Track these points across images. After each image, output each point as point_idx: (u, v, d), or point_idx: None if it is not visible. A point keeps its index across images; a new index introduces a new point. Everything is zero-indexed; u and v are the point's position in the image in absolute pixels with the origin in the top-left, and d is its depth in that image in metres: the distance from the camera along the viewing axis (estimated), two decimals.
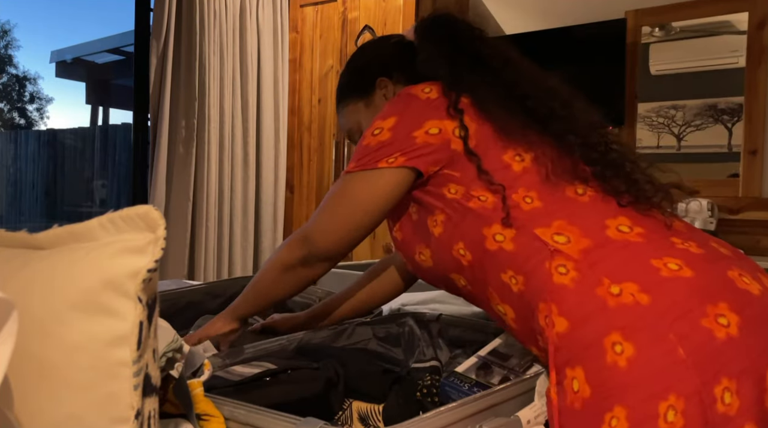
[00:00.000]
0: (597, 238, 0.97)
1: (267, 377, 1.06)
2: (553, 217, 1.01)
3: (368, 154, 1.10)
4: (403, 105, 1.13)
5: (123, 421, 0.67)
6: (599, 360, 0.88)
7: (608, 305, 0.90)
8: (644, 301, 0.90)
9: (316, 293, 1.69)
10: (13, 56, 12.98)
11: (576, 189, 1.04)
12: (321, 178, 3.64)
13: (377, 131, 1.11)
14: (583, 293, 0.93)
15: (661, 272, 0.92)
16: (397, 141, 1.08)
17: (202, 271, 3.42)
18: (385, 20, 3.38)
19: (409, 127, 1.09)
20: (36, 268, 0.72)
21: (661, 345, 0.87)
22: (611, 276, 0.93)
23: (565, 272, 0.95)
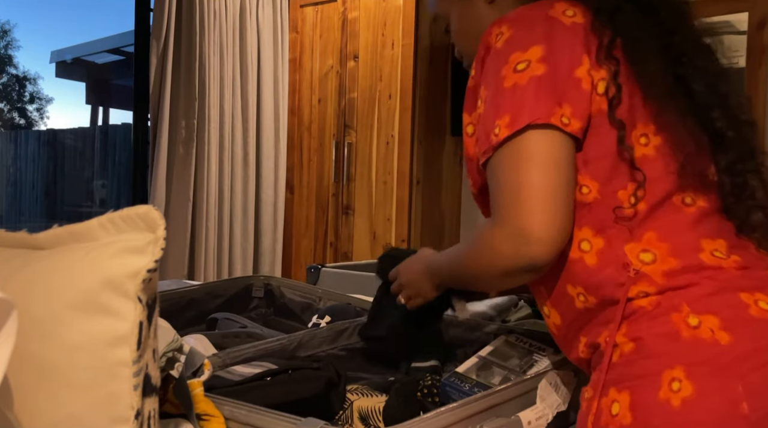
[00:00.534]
0: (687, 260, 0.85)
1: (267, 377, 1.06)
2: (646, 228, 0.86)
3: (526, 97, 0.83)
4: (546, 29, 0.87)
5: (123, 421, 0.67)
6: (651, 392, 0.80)
7: (681, 336, 0.81)
8: (723, 340, 0.79)
9: (316, 293, 1.69)
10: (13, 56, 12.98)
11: (685, 198, 0.88)
12: (321, 178, 3.64)
13: (522, 65, 0.85)
14: (658, 317, 0.83)
15: (749, 310, 0.82)
16: (558, 80, 0.84)
17: (202, 271, 3.42)
18: (385, 20, 3.38)
19: (567, 59, 0.85)
20: (36, 268, 0.72)
21: (725, 394, 0.78)
22: (693, 304, 0.82)
23: (644, 295, 0.85)
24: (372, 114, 3.42)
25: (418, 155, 3.32)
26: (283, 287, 1.75)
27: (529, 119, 0.82)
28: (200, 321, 1.59)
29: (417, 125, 3.31)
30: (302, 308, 1.70)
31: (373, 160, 3.42)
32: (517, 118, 0.83)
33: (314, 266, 2.22)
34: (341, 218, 3.55)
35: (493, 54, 0.89)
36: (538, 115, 0.82)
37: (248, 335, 1.41)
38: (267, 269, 3.73)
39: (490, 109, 0.87)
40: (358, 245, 3.48)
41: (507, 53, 0.87)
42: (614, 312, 0.86)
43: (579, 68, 0.85)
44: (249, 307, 1.75)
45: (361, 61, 3.46)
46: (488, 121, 0.86)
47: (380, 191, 3.40)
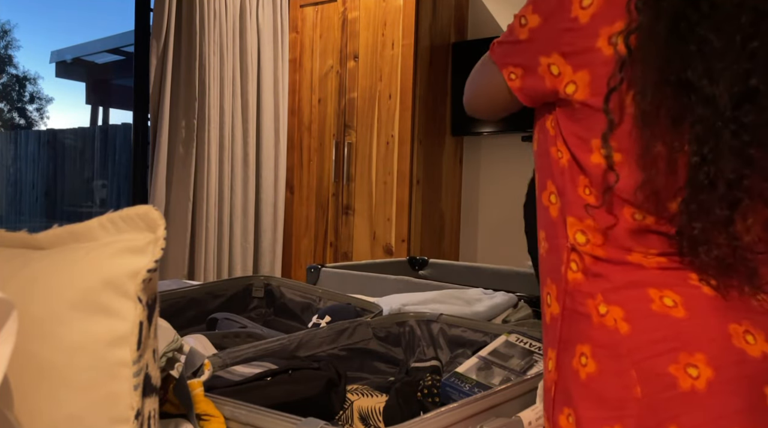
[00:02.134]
0: (613, 255, 0.92)
1: (268, 377, 1.06)
2: (590, 216, 0.93)
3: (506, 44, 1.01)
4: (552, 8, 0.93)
5: (123, 421, 0.67)
6: (567, 358, 0.93)
7: (592, 320, 0.91)
8: (623, 330, 0.88)
9: (316, 293, 1.69)
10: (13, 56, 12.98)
11: (635, 214, 0.90)
12: (321, 178, 3.64)
13: (524, 20, 0.98)
14: (577, 297, 0.94)
15: (651, 305, 0.88)
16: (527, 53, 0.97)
17: (202, 271, 3.42)
18: (385, 20, 3.38)
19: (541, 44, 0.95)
20: (36, 268, 0.72)
21: (621, 378, 0.87)
22: (604, 294, 0.91)
23: (575, 269, 0.95)
24: (372, 114, 3.42)
25: (418, 155, 3.32)
26: (283, 287, 1.75)
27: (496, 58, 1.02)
28: (200, 321, 1.59)
29: (417, 125, 3.30)
30: (302, 308, 1.70)
31: (373, 160, 3.42)
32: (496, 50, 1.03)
33: (314, 266, 2.22)
34: (341, 218, 3.55)
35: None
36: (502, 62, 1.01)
37: (248, 335, 1.41)
38: (267, 269, 3.73)
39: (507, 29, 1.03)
40: (358, 245, 3.48)
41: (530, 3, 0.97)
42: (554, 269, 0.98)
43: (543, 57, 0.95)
44: (249, 307, 1.75)
45: (361, 61, 3.46)
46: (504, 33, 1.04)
47: (380, 191, 3.40)
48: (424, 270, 2.55)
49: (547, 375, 0.97)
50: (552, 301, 0.98)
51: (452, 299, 1.67)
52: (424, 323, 1.47)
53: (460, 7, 3.55)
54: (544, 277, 1.02)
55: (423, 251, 3.31)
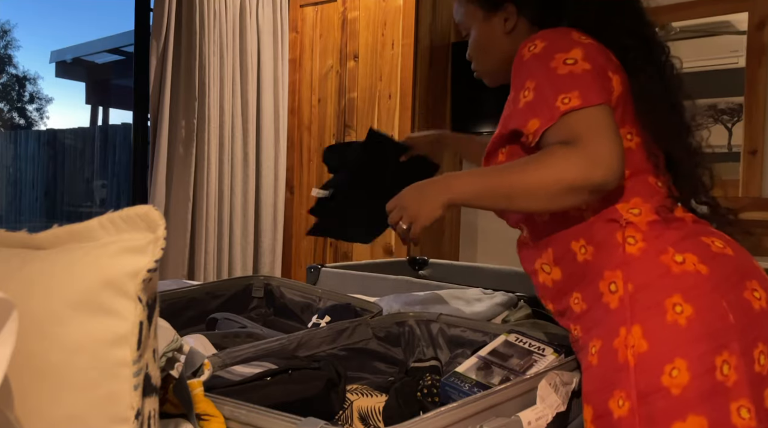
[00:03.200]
0: (663, 214, 1.08)
1: (268, 377, 1.06)
2: (633, 194, 1.09)
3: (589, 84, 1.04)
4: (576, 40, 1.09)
5: (123, 421, 0.67)
6: (659, 318, 1.00)
7: (672, 271, 1.02)
8: (703, 271, 1.02)
9: (316, 293, 1.69)
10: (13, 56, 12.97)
11: (658, 181, 1.13)
12: (321, 178, 3.63)
13: (570, 60, 1.05)
14: (649, 261, 1.04)
15: (711, 248, 1.06)
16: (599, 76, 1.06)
17: (202, 271, 3.42)
18: (385, 20, 3.38)
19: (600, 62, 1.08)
20: (36, 268, 0.72)
21: (716, 310, 1.00)
22: (675, 246, 1.05)
23: (633, 242, 1.06)
24: (372, 114, 3.42)
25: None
26: (283, 287, 1.75)
27: (602, 100, 1.03)
28: (200, 321, 1.59)
29: (417, 125, 3.30)
30: (302, 308, 1.70)
31: None
32: (591, 95, 1.02)
33: (314, 266, 2.22)
34: None
35: (531, 58, 1.08)
36: (605, 98, 1.03)
37: (248, 335, 1.41)
38: (267, 269, 3.73)
39: (546, 91, 1.04)
40: (358, 245, 3.48)
41: (550, 53, 1.06)
42: (611, 257, 1.07)
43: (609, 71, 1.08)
44: (249, 307, 1.75)
45: (361, 61, 3.46)
46: (548, 98, 1.04)
47: None
48: (424, 270, 2.55)
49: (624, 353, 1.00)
50: (618, 285, 1.05)
51: (452, 299, 1.67)
52: (424, 323, 1.47)
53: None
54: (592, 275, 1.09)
55: (423, 251, 3.31)
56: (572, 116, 1.00)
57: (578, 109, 1.00)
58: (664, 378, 0.98)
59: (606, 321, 1.05)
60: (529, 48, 1.09)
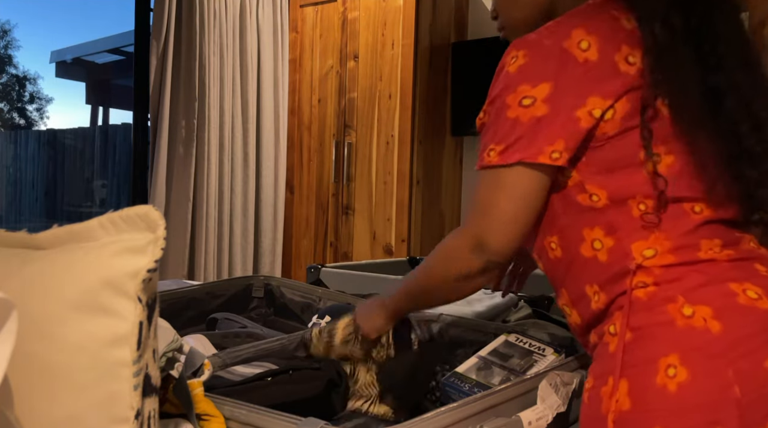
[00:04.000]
0: (684, 256, 0.91)
1: (268, 377, 1.06)
2: (654, 228, 0.92)
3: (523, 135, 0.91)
4: (557, 66, 0.92)
5: (123, 421, 0.67)
6: (648, 378, 0.86)
7: (676, 325, 0.87)
8: (714, 329, 0.86)
9: (315, 293, 1.69)
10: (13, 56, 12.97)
11: (695, 206, 0.94)
12: (321, 178, 3.64)
13: (527, 101, 0.91)
14: (654, 307, 0.89)
15: (738, 298, 0.88)
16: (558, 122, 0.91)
17: (202, 271, 3.42)
18: (385, 20, 3.38)
19: (571, 101, 0.91)
20: (36, 268, 0.72)
21: (717, 379, 0.84)
22: (687, 295, 0.88)
23: (643, 286, 0.91)
24: (372, 114, 3.42)
25: (418, 155, 3.32)
26: (283, 287, 1.75)
27: (520, 157, 0.92)
28: (200, 321, 1.59)
29: (417, 125, 3.30)
30: (302, 308, 1.70)
31: (373, 160, 3.42)
32: (511, 152, 0.92)
33: (314, 266, 2.22)
34: (341, 218, 3.55)
35: (504, 76, 0.96)
36: (529, 154, 0.91)
37: (248, 335, 1.41)
38: (267, 269, 3.73)
39: (490, 130, 0.96)
40: (358, 245, 3.48)
41: (516, 82, 0.93)
42: (617, 303, 0.93)
43: (580, 109, 0.91)
44: (249, 307, 1.75)
45: (361, 61, 3.46)
46: (486, 139, 0.96)
47: (380, 191, 3.40)
48: None
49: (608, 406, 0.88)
50: (617, 328, 0.91)
51: None
52: (424, 323, 1.47)
53: (460, 7, 3.55)
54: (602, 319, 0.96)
55: (423, 251, 3.31)
56: (485, 174, 0.95)
57: (491, 166, 0.93)
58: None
59: (602, 362, 0.93)
60: (510, 58, 0.96)
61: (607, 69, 0.92)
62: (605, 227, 0.94)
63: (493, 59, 1.01)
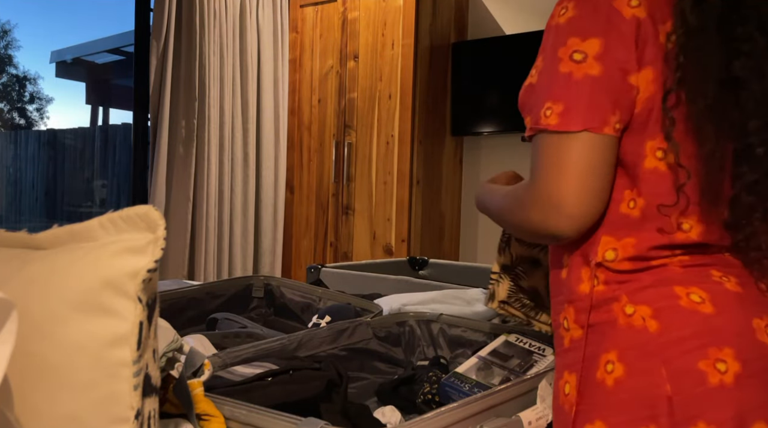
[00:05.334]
0: (639, 264, 0.91)
1: (269, 377, 1.06)
2: (630, 233, 0.91)
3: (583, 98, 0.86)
4: (605, 22, 0.87)
5: (123, 421, 0.67)
6: (591, 373, 0.90)
7: (617, 323, 0.89)
8: (652, 328, 0.87)
9: (315, 293, 1.69)
10: (13, 56, 12.97)
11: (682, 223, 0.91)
12: (321, 178, 3.64)
13: (578, 55, 0.87)
14: (601, 306, 0.91)
15: (679, 301, 0.88)
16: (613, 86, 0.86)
17: (202, 271, 3.42)
18: (385, 20, 3.38)
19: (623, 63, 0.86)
20: (36, 268, 0.72)
21: (650, 377, 0.86)
22: (630, 295, 0.90)
23: (596, 283, 0.92)
24: (372, 114, 3.42)
25: (418, 155, 3.32)
26: (283, 287, 1.75)
27: (585, 125, 0.86)
28: (200, 321, 1.59)
29: (417, 125, 3.30)
30: (302, 308, 1.70)
31: (373, 160, 3.42)
32: (573, 115, 0.87)
33: (314, 266, 2.22)
34: (341, 218, 3.55)
35: (553, 28, 0.92)
36: (595, 123, 0.86)
37: (248, 335, 1.41)
38: (267, 269, 3.73)
39: (543, 86, 0.91)
40: (358, 245, 3.48)
41: (566, 34, 0.89)
42: (570, 294, 0.95)
43: (634, 75, 0.87)
44: (249, 307, 1.75)
45: (361, 61, 3.46)
46: (540, 97, 0.91)
47: (380, 191, 3.40)
48: (424, 270, 2.55)
49: (563, 399, 0.93)
50: (570, 324, 0.94)
51: (452, 299, 1.67)
52: (424, 323, 1.47)
53: (460, 7, 3.55)
54: (559, 304, 0.98)
55: (423, 251, 3.31)
56: (543, 138, 0.89)
57: (551, 131, 0.88)
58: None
59: (559, 357, 0.97)
60: (559, 11, 0.91)
61: (650, 36, 0.88)
62: None
63: (493, 59, 1.01)
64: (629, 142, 0.90)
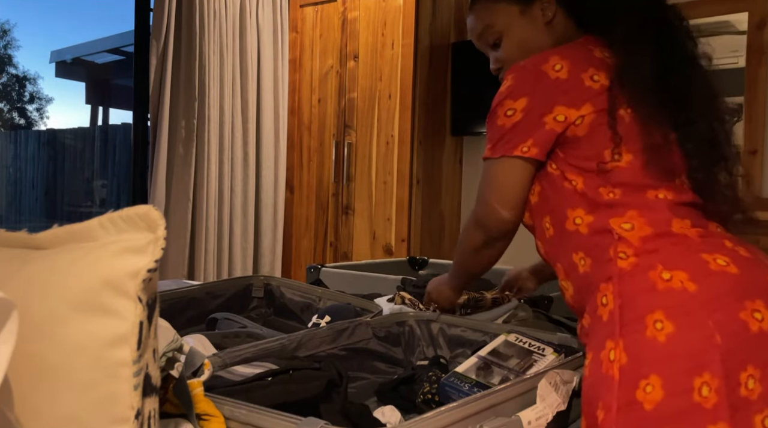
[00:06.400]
0: (659, 228, 1.08)
1: (269, 377, 1.06)
2: (628, 207, 1.10)
3: (504, 136, 1.17)
4: (533, 83, 1.15)
5: (123, 421, 0.67)
6: (639, 334, 0.99)
7: (657, 288, 1.01)
8: (691, 288, 1.00)
9: (315, 293, 1.69)
10: (13, 56, 12.97)
11: (658, 193, 1.12)
12: (321, 178, 3.64)
13: (510, 112, 1.16)
14: (637, 275, 1.03)
15: (709, 265, 1.03)
16: (529, 126, 1.14)
17: (202, 271, 3.42)
18: (385, 20, 3.38)
19: (540, 109, 1.14)
20: (36, 268, 0.72)
21: (700, 330, 0.97)
22: (665, 263, 1.03)
23: (625, 257, 1.06)
24: (372, 114, 3.42)
25: (418, 155, 3.32)
26: (283, 287, 1.75)
27: (502, 152, 1.18)
28: (200, 321, 1.59)
29: (417, 125, 3.31)
30: (302, 308, 1.70)
31: (373, 160, 3.42)
32: (496, 148, 1.19)
33: (314, 266, 2.22)
34: (341, 218, 3.55)
35: (499, 94, 1.19)
36: (507, 149, 1.18)
37: (248, 335, 1.41)
38: (267, 269, 3.73)
39: (487, 134, 1.23)
40: (358, 245, 3.48)
41: (504, 98, 1.18)
42: (605, 273, 1.08)
43: (548, 115, 1.14)
44: (249, 307, 1.75)
45: (361, 61, 3.46)
46: (488, 138, 1.22)
47: (380, 191, 3.40)
48: (424, 270, 2.55)
49: (608, 366, 1.00)
50: (609, 299, 1.05)
51: None
52: (424, 322, 1.47)
53: (460, 7, 3.55)
54: (592, 287, 1.10)
55: (423, 251, 3.31)
56: (483, 166, 1.22)
57: (485, 160, 1.21)
58: (638, 393, 0.96)
59: (597, 334, 1.05)
60: (505, 80, 1.19)
61: (574, 84, 1.13)
62: (585, 208, 1.13)
63: None
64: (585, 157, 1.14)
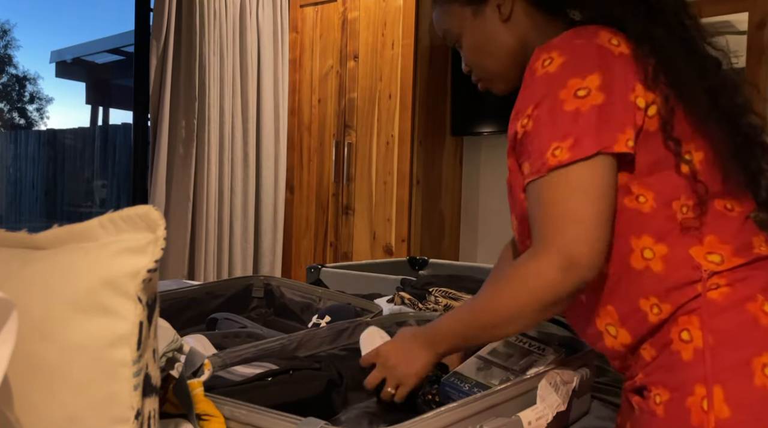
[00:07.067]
0: (748, 256, 0.90)
1: (269, 377, 1.06)
2: (704, 232, 0.89)
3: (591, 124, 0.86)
4: (596, 56, 0.90)
5: (123, 421, 0.67)
6: (746, 381, 0.83)
7: (760, 323, 0.85)
8: None
9: (315, 293, 1.69)
10: (13, 56, 12.98)
11: (726, 204, 0.92)
12: (321, 178, 3.64)
13: (582, 91, 0.87)
14: (732, 308, 0.86)
15: None
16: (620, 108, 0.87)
17: (202, 271, 3.42)
18: (385, 20, 3.38)
19: (621, 87, 0.88)
20: (36, 268, 0.72)
21: None
22: (764, 293, 0.86)
23: (716, 287, 0.88)
24: (372, 114, 3.42)
25: (418, 155, 3.32)
26: (283, 287, 1.75)
27: (598, 147, 0.86)
28: (200, 321, 1.59)
29: (417, 125, 3.31)
30: (302, 308, 1.70)
31: (373, 160, 3.42)
32: (585, 143, 0.86)
33: (314, 266, 2.22)
34: (341, 218, 3.55)
35: (542, 77, 0.92)
36: (605, 143, 0.86)
37: (248, 335, 1.41)
38: (267, 269, 3.73)
39: (544, 130, 0.89)
40: (358, 245, 3.48)
41: (564, 77, 0.89)
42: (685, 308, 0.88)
43: (633, 94, 0.89)
44: (249, 307, 1.75)
45: (361, 61, 3.46)
46: (543, 140, 0.89)
47: (380, 191, 3.40)
48: (424, 270, 2.55)
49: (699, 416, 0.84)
50: (693, 334, 0.87)
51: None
52: (424, 323, 1.47)
53: None
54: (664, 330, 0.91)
55: (423, 251, 3.31)
56: (552, 178, 0.87)
57: (564, 164, 0.86)
58: None
59: (677, 373, 0.87)
60: (543, 62, 0.91)
61: (639, 63, 0.91)
62: (653, 234, 0.90)
63: None
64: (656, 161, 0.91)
